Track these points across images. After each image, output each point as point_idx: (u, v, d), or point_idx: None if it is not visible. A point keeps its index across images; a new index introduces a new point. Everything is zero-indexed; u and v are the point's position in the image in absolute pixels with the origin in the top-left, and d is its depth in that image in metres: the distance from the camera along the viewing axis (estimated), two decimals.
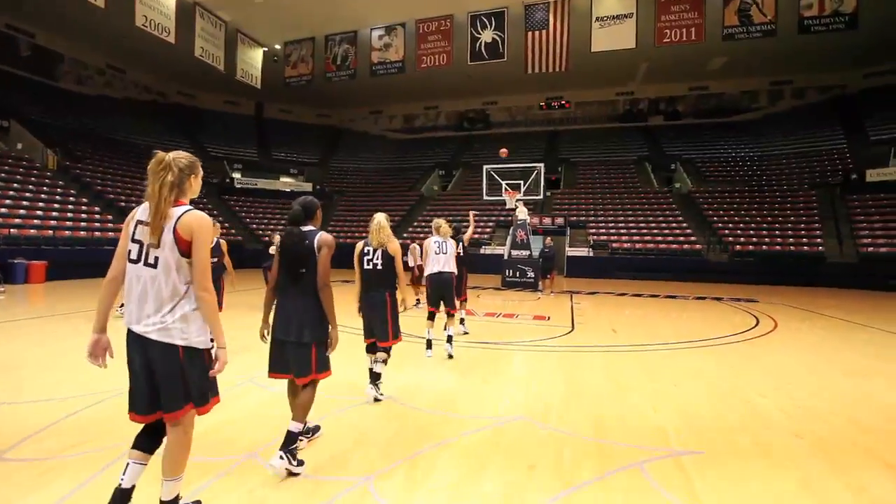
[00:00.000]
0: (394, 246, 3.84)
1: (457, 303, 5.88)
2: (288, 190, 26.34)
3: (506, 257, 14.27)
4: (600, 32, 20.13)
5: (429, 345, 5.40)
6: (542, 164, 13.49)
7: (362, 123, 35.15)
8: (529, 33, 20.81)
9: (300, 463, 2.67)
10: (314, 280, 2.69)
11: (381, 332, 3.88)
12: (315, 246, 2.70)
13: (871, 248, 16.66)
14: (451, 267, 5.47)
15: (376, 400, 3.86)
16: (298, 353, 2.70)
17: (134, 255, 1.95)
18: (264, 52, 25.38)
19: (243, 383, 4.26)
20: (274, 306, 2.83)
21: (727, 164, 25.07)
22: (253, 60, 24.94)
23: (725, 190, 22.36)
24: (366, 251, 3.88)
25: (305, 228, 2.78)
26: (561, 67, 20.66)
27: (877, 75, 25.00)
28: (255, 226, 22.91)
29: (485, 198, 14.34)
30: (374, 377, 3.90)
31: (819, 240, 17.86)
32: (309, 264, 2.69)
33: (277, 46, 25.33)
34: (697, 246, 18.60)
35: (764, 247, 17.95)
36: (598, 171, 26.55)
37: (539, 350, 6.04)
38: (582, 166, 27.30)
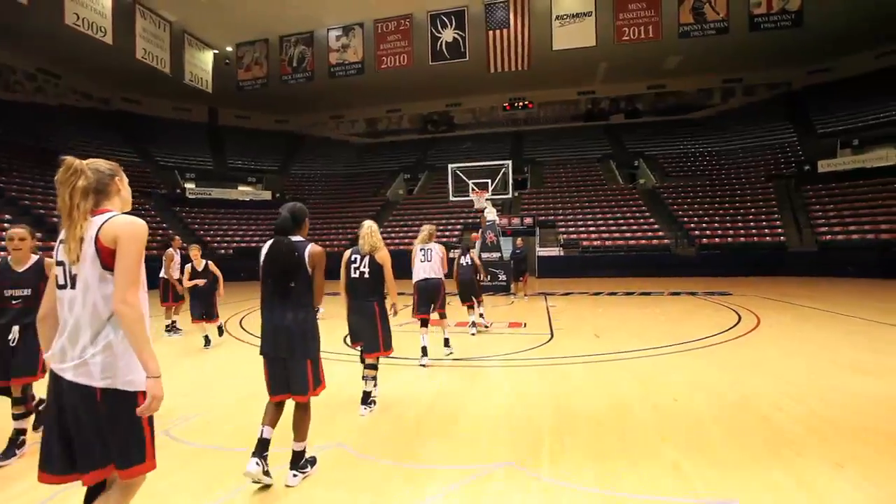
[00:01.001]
0: (383, 253, 3.75)
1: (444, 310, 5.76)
2: (246, 199, 24.86)
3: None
4: (561, 31, 20.03)
5: (424, 351, 5.31)
6: (509, 162, 12.92)
7: (323, 129, 33.91)
8: (490, 32, 20.46)
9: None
10: (305, 294, 2.58)
11: (370, 342, 3.78)
12: (306, 259, 2.57)
13: (828, 237, 16.97)
14: (438, 273, 5.46)
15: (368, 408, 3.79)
16: (294, 371, 2.56)
17: (60, 280, 1.65)
18: (215, 54, 23.93)
19: None
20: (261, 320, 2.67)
21: (688, 160, 25.38)
22: (203, 63, 23.45)
23: (688, 185, 22.55)
24: (353, 259, 3.80)
25: (294, 239, 2.62)
26: (523, 66, 20.41)
27: (819, 72, 26.06)
28: (209, 237, 21.39)
29: (451, 199, 13.60)
30: (365, 397, 3.78)
31: (780, 230, 18.11)
32: (299, 278, 2.55)
33: (229, 49, 23.94)
34: (665, 241, 18.53)
35: (729, 239, 18.05)
36: (564, 169, 26.40)
37: (519, 365, 5.33)
38: (548, 166, 27.09)
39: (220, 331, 7.02)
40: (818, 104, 24.68)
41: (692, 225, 19.27)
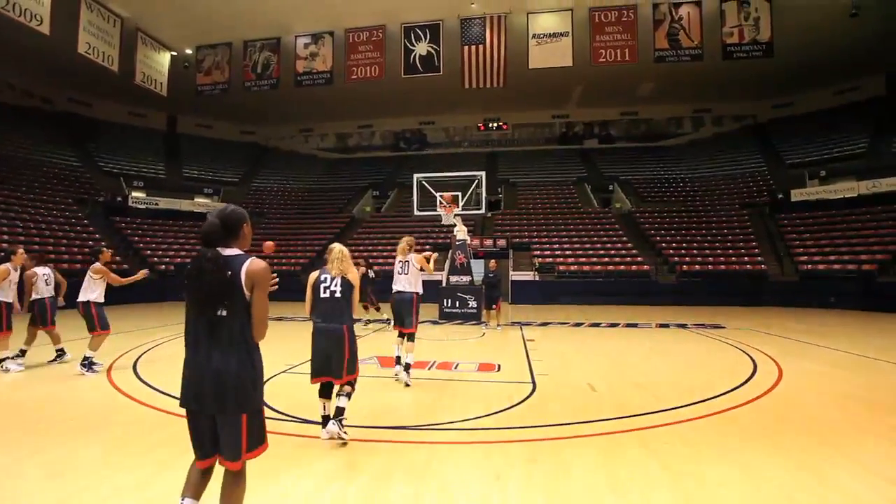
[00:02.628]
0: (354, 274, 3.59)
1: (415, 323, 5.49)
2: (198, 210, 22.50)
3: (443, 284, 11.91)
4: (537, 50, 19.33)
5: (397, 361, 5.45)
6: (482, 174, 11.45)
7: (291, 142, 32.01)
8: (466, 47, 19.56)
9: None
10: (239, 325, 1.84)
11: (338, 368, 3.45)
12: (241, 278, 1.83)
13: (809, 266, 16.17)
14: (413, 287, 5.43)
15: (341, 439, 3.39)
16: (225, 429, 1.85)
17: None
18: (172, 56, 21.95)
19: None
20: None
21: (662, 185, 24.79)
22: (157, 65, 21.42)
23: (664, 210, 21.74)
24: (322, 279, 3.55)
25: (228, 252, 1.89)
26: (498, 83, 19.50)
27: (784, 106, 26.49)
28: (149, 251, 18.92)
29: (416, 213, 11.91)
30: (338, 412, 3.44)
31: (759, 258, 17.26)
32: (232, 304, 1.83)
33: (189, 51, 22.01)
34: (645, 267, 17.36)
35: (709, 266, 17.03)
36: (539, 191, 25.33)
37: (493, 440, 3.60)
38: (522, 187, 25.98)
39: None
40: (783, 136, 25.02)
41: (671, 251, 18.24)
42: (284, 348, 7.14)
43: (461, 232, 11.62)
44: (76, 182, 21.06)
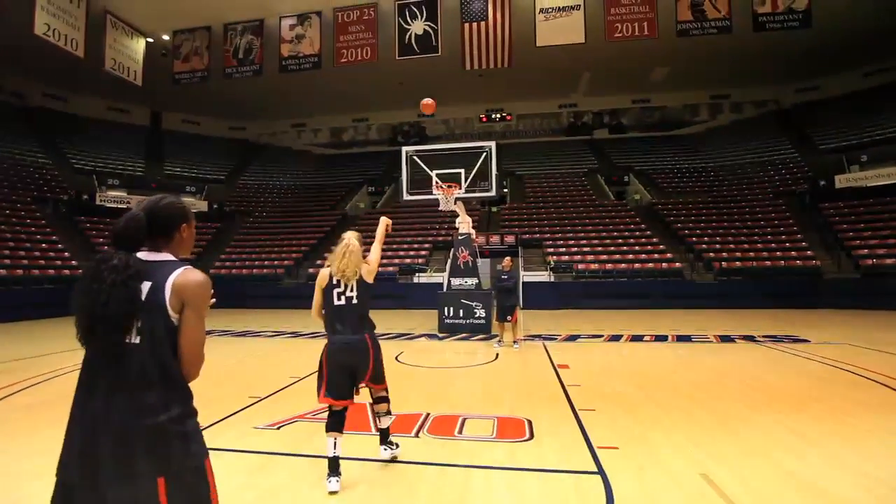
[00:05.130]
0: (368, 268, 2.86)
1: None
2: None
3: (444, 289, 9.35)
4: (545, 25, 16.82)
5: (383, 437, 3.45)
6: (492, 144, 8.83)
7: (283, 138, 29.55)
8: (467, 25, 17.11)
9: None
10: (160, 360, 1.25)
11: (374, 373, 2.89)
12: (166, 294, 1.26)
13: (872, 261, 13.48)
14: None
15: (394, 459, 3.04)
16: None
17: None
18: (148, 43, 19.56)
19: None
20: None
21: (682, 176, 22.19)
22: (130, 52, 18.99)
23: (689, 201, 19.11)
24: (335, 282, 2.79)
25: (153, 257, 1.32)
26: (503, 63, 17.00)
27: (808, 90, 24.00)
28: None
29: (406, 197, 9.18)
30: (384, 435, 3.08)
31: (808, 252, 14.60)
32: (151, 329, 1.24)
33: (166, 37, 19.64)
34: (677, 265, 14.73)
35: (753, 263, 14.37)
36: (548, 183, 22.74)
37: None
38: (529, 179, 23.40)
39: None
40: (811, 121, 22.38)
41: (704, 246, 15.61)
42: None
43: (464, 224, 9.06)
44: (39, 180, 18.63)
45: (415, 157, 8.94)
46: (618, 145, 25.90)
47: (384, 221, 3.23)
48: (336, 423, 2.75)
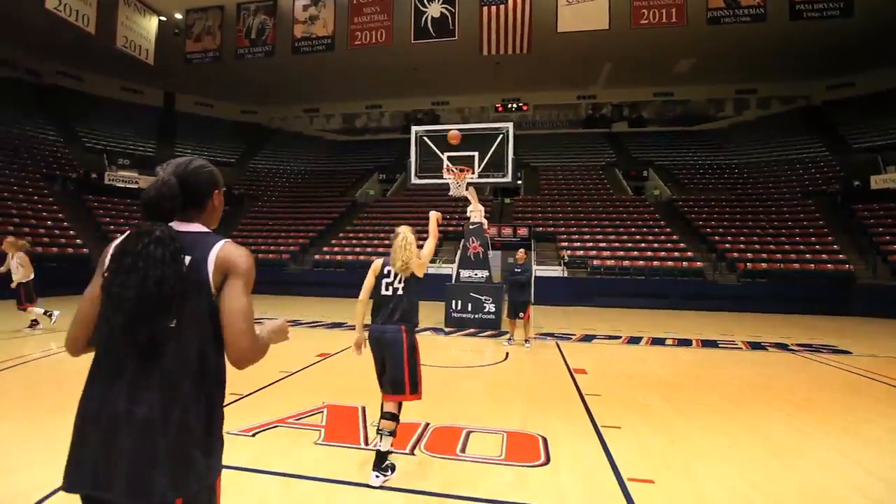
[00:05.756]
0: (417, 262, 2.78)
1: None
2: None
3: (452, 280, 8.77)
4: (567, 10, 16.03)
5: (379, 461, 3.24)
6: (509, 125, 8.17)
7: (295, 123, 29.10)
8: (485, 8, 16.38)
9: None
10: (198, 346, 1.09)
11: (393, 381, 2.69)
12: (209, 269, 1.12)
13: None
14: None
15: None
16: None
17: None
18: (161, 21, 19.21)
19: None
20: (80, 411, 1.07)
21: (704, 172, 21.20)
22: (143, 30, 18.64)
23: (711, 198, 18.19)
24: (386, 272, 2.81)
25: (185, 228, 1.17)
26: (521, 49, 16.22)
27: (842, 87, 22.75)
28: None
29: (413, 181, 8.58)
30: (379, 460, 2.61)
31: (841, 255, 13.69)
32: (190, 310, 1.09)
33: (179, 16, 19.27)
34: (698, 264, 13.93)
35: (779, 265, 13.51)
36: (563, 176, 21.94)
37: None
38: (544, 171, 22.61)
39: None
40: (843, 119, 21.18)
41: (727, 245, 14.76)
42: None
43: (476, 213, 8.45)
44: (49, 157, 18.42)
45: (425, 138, 8.32)
46: (637, 139, 24.94)
47: (434, 216, 3.18)
48: (384, 416, 2.70)
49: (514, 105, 27.03)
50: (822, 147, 20.67)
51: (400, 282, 2.78)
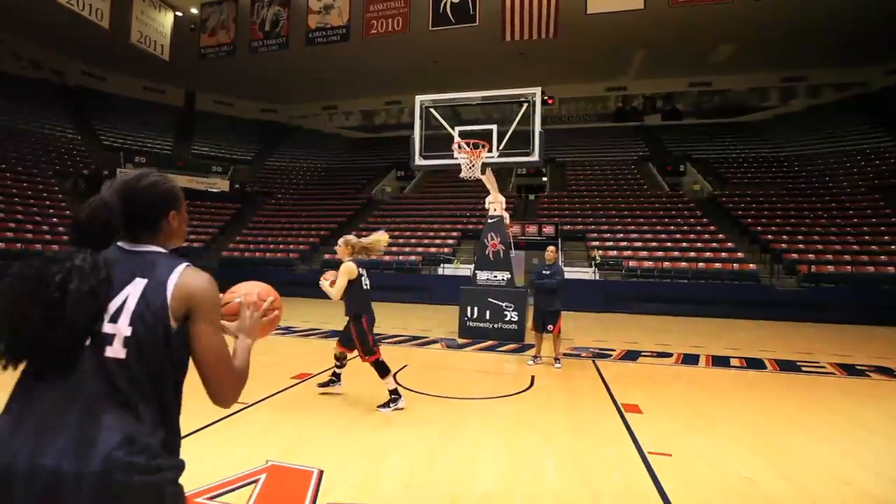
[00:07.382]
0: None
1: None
2: (197, 188, 19.06)
3: (469, 284, 7.39)
4: None
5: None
6: (538, 90, 6.77)
7: (314, 120, 28.33)
8: None
9: None
10: (157, 382, 0.95)
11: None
12: (167, 298, 0.96)
13: None
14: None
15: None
16: None
17: None
18: (177, 17, 18.68)
19: None
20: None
21: (749, 165, 19.12)
22: (158, 25, 18.08)
23: (759, 193, 16.17)
24: (361, 272, 3.67)
25: (133, 247, 1.02)
26: (547, 34, 14.70)
27: None
28: None
29: (417, 162, 7.16)
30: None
31: None
32: (137, 342, 0.92)
33: (194, 10, 18.72)
34: (751, 266, 12.09)
35: (849, 268, 11.54)
36: (592, 171, 20.24)
37: None
38: (571, 167, 20.96)
39: None
40: None
41: (783, 245, 12.83)
42: None
43: (496, 203, 7.05)
44: (65, 154, 18.06)
45: (432, 110, 7.01)
46: (672, 132, 22.96)
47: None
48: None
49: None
50: (887, 137, 18.28)
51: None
